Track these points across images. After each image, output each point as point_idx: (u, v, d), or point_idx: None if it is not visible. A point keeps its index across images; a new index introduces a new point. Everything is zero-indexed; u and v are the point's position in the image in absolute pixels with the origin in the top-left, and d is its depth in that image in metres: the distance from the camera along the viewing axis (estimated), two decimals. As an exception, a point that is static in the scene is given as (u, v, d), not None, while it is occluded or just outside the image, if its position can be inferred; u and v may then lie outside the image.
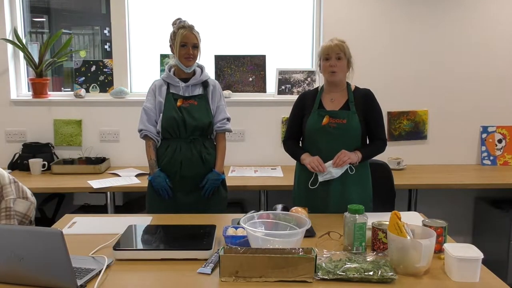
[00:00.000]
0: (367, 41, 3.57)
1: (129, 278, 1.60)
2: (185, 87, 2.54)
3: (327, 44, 2.33)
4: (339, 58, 2.30)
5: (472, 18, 3.58)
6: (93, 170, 3.34)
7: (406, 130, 3.68)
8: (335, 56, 2.30)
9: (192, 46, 2.48)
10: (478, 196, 3.72)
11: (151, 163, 2.55)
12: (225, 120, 2.61)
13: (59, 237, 1.43)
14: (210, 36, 3.55)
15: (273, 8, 3.66)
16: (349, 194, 2.31)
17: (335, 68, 2.31)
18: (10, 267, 1.49)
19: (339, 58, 2.30)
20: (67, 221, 2.20)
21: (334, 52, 2.30)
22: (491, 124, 3.70)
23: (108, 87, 3.68)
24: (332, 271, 1.55)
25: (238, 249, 1.58)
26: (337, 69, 2.31)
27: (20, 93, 3.69)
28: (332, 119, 2.31)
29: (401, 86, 3.64)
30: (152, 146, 2.56)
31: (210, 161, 2.56)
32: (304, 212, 2.01)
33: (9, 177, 2.40)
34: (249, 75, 3.67)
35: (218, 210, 2.50)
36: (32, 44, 3.68)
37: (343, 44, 2.32)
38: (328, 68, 2.32)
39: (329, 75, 2.34)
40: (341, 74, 2.33)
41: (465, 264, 1.54)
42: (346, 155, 2.24)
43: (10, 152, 3.54)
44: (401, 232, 1.60)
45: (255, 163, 3.64)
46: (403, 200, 3.21)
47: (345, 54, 2.31)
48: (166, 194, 2.50)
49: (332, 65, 2.30)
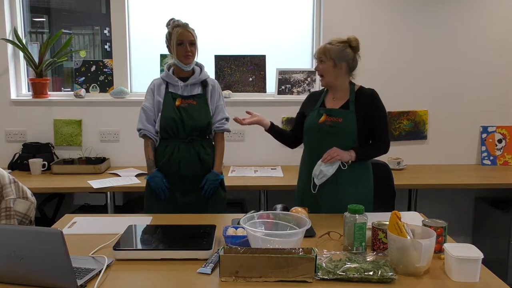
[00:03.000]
0: (367, 41, 3.53)
1: (129, 278, 1.60)
2: (184, 87, 2.54)
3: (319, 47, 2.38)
4: (321, 60, 2.31)
5: (472, 18, 3.59)
6: (93, 170, 3.34)
7: (406, 130, 3.68)
8: (318, 60, 2.33)
9: (189, 43, 2.47)
10: (478, 196, 3.72)
11: (149, 163, 2.55)
12: (223, 120, 2.61)
13: (59, 237, 1.43)
14: (210, 36, 3.55)
15: (273, 8, 3.66)
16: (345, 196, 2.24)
17: (319, 72, 2.33)
18: (10, 267, 1.49)
19: (321, 60, 2.31)
20: (67, 221, 2.20)
21: (317, 57, 2.33)
22: (491, 124, 3.70)
23: (108, 87, 3.68)
24: (332, 271, 1.55)
25: (238, 249, 1.58)
26: (322, 73, 2.32)
27: (20, 93, 3.69)
28: (328, 117, 2.31)
29: (401, 86, 3.64)
30: (150, 146, 2.56)
31: (208, 161, 2.56)
32: (304, 212, 2.01)
33: (9, 177, 2.40)
34: (249, 75, 3.67)
35: (217, 211, 2.49)
36: (32, 44, 3.68)
37: (327, 46, 2.30)
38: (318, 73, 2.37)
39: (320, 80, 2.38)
40: (327, 77, 2.32)
41: (465, 264, 1.54)
42: (336, 151, 2.21)
43: (10, 152, 3.54)
44: (401, 232, 1.60)
45: (255, 163, 3.64)
46: (403, 200, 3.21)
47: (328, 56, 2.29)
48: (163, 194, 2.50)
49: (317, 69, 2.34)
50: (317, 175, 2.25)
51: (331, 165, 2.22)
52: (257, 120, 2.44)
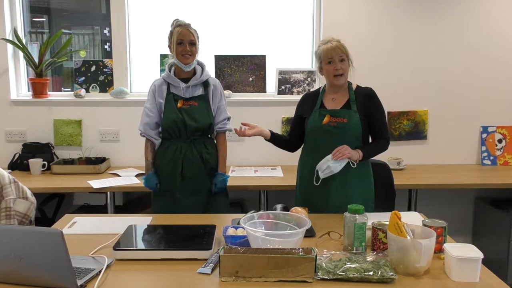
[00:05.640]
0: (367, 41, 3.57)
1: (129, 278, 1.60)
2: (185, 88, 2.54)
3: (326, 46, 2.29)
4: (342, 60, 2.28)
5: (472, 18, 3.58)
6: (93, 170, 3.34)
7: (406, 130, 3.68)
8: (338, 59, 2.27)
9: (189, 43, 2.47)
10: (478, 196, 3.72)
11: (147, 164, 2.57)
12: (225, 120, 2.61)
13: (59, 237, 1.43)
14: (210, 36, 3.55)
15: (273, 8, 3.66)
16: (351, 194, 2.30)
17: (341, 71, 2.28)
18: (10, 267, 1.49)
19: (342, 60, 2.28)
20: (67, 221, 2.20)
21: (337, 55, 2.27)
22: (491, 124, 3.70)
23: (108, 87, 3.68)
24: (332, 271, 1.55)
25: (238, 249, 1.58)
26: (343, 71, 2.29)
27: (20, 93, 3.69)
28: (332, 118, 2.31)
29: (401, 86, 3.64)
30: (150, 147, 2.57)
31: (210, 161, 2.56)
32: (304, 212, 2.01)
33: (9, 177, 2.40)
34: (249, 75, 3.67)
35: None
36: (32, 44, 3.68)
37: (343, 44, 2.30)
38: (333, 72, 2.29)
39: (335, 79, 2.30)
40: (346, 75, 2.32)
41: (465, 264, 1.54)
42: (347, 149, 2.22)
43: (10, 152, 3.54)
44: (401, 232, 1.60)
45: (255, 163, 3.64)
46: (403, 200, 3.21)
47: (347, 55, 2.29)
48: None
49: (338, 69, 2.28)
50: (323, 169, 2.24)
51: (339, 163, 2.23)
52: (258, 131, 2.42)
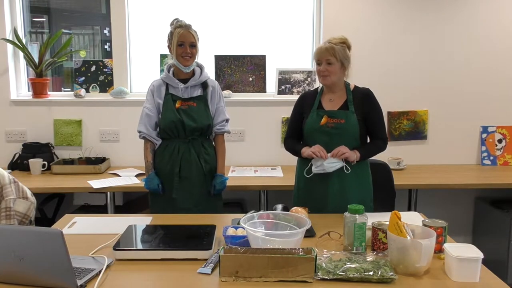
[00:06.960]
0: (367, 41, 3.57)
1: (129, 278, 1.60)
2: (184, 89, 2.54)
3: (319, 46, 2.31)
4: (329, 63, 2.27)
5: (472, 18, 3.58)
6: (93, 170, 3.34)
7: (406, 130, 3.68)
8: (325, 61, 2.28)
9: (189, 45, 2.46)
10: (478, 196, 3.72)
11: (147, 165, 2.57)
12: (224, 122, 2.61)
13: (59, 237, 1.43)
14: (210, 36, 3.55)
15: (273, 8, 3.66)
16: (348, 194, 2.30)
17: (326, 73, 2.29)
18: (10, 267, 1.49)
19: (329, 63, 2.27)
20: (67, 221, 2.20)
21: (324, 57, 2.27)
22: (491, 124, 3.70)
23: (108, 87, 3.68)
24: (332, 271, 1.55)
25: (238, 249, 1.58)
26: (328, 73, 2.29)
27: (20, 93, 3.69)
28: (330, 119, 2.31)
29: (401, 86, 3.64)
30: (149, 148, 2.57)
31: (208, 161, 2.56)
32: (304, 212, 2.01)
33: (9, 177, 2.40)
34: (249, 75, 3.67)
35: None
36: (32, 44, 3.68)
37: (334, 46, 2.26)
38: (319, 73, 2.32)
39: (321, 79, 2.33)
40: (333, 77, 2.30)
41: (465, 264, 1.54)
42: (346, 149, 2.23)
43: (10, 152, 3.54)
44: (401, 232, 1.60)
45: (255, 163, 3.64)
46: (403, 200, 3.21)
47: (336, 57, 2.26)
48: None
49: (323, 70, 2.29)
50: (317, 165, 2.26)
51: (333, 164, 2.23)
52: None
